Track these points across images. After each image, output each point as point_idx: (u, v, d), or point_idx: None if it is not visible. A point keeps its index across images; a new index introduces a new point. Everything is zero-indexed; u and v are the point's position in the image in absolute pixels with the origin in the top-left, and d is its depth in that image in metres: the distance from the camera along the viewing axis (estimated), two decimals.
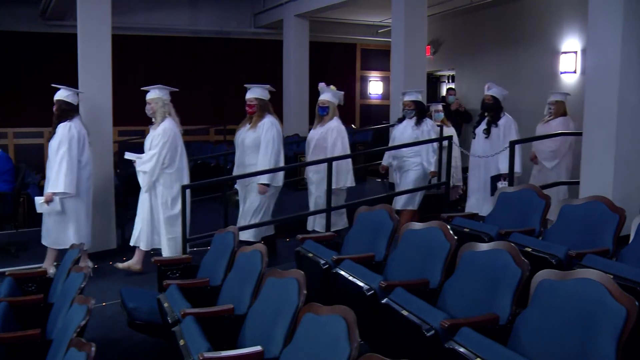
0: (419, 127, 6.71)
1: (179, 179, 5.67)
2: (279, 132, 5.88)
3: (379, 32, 12.74)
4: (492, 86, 6.70)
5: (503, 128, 6.57)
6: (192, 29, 12.44)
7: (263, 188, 5.75)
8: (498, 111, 6.63)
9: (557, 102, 7.15)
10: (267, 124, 5.79)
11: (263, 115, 5.85)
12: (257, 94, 5.89)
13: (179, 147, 5.71)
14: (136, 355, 4.15)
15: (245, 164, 5.96)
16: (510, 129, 6.54)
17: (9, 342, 2.99)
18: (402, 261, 3.79)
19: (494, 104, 6.63)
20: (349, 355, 2.32)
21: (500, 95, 6.65)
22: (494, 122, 6.61)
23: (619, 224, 3.81)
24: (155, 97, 5.71)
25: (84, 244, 4.90)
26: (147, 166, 5.60)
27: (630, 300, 2.36)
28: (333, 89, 6.37)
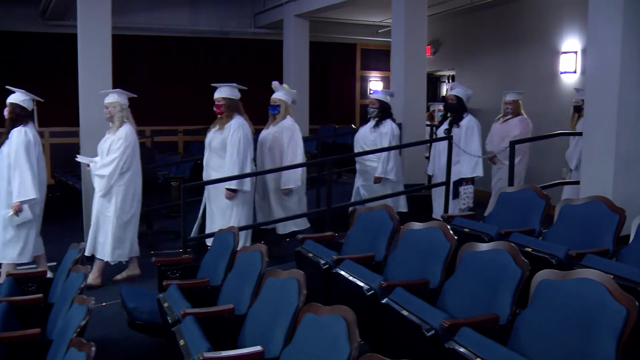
0: (377, 128, 6.51)
1: (135, 184, 5.53)
2: (247, 133, 5.63)
3: (379, 32, 12.74)
4: (456, 86, 6.63)
5: (465, 129, 6.43)
6: (192, 29, 12.44)
7: (229, 193, 5.56)
8: (461, 111, 6.51)
9: (513, 102, 7.10)
10: (235, 125, 5.58)
11: (231, 115, 5.64)
12: (225, 94, 5.69)
13: (137, 152, 5.57)
14: (136, 355, 4.15)
15: (210, 166, 5.78)
16: (473, 130, 6.41)
17: (9, 342, 2.99)
18: (402, 261, 3.80)
19: (458, 104, 6.51)
20: (349, 355, 2.32)
21: (465, 95, 6.55)
22: (456, 122, 6.47)
23: (619, 224, 3.82)
24: (113, 102, 5.54)
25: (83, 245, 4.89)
26: (106, 170, 5.42)
27: (630, 300, 2.36)
28: (286, 87, 6.21)
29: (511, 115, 7.11)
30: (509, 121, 7.12)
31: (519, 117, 7.10)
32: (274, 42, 12.15)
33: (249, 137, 5.65)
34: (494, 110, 9.54)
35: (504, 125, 7.15)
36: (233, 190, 5.54)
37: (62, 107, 9.10)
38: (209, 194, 5.80)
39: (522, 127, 7.01)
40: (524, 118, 7.11)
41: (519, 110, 7.13)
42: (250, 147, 5.66)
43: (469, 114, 6.54)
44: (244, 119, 5.68)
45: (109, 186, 5.45)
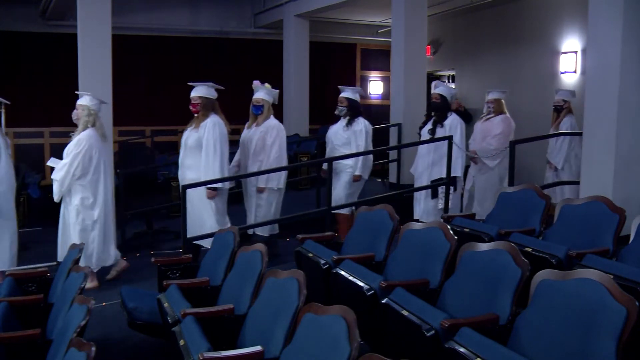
0: (350, 127, 6.40)
1: (93, 192, 5.39)
2: (223, 132, 5.61)
3: (379, 32, 12.74)
4: (439, 84, 6.48)
5: (448, 128, 6.30)
6: (192, 29, 12.45)
7: (210, 192, 5.57)
8: (445, 111, 6.37)
9: (495, 100, 6.99)
10: (210, 124, 5.56)
11: (207, 114, 5.62)
12: (201, 93, 5.66)
13: (95, 158, 5.40)
14: (136, 355, 4.15)
15: (185, 165, 5.74)
16: (456, 129, 6.29)
17: (9, 342, 2.99)
18: (402, 261, 3.80)
19: (442, 103, 6.35)
20: (349, 355, 2.32)
21: (449, 94, 6.41)
22: (440, 122, 6.33)
23: (619, 224, 3.82)
24: (83, 104, 5.48)
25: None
26: (58, 175, 5.33)
27: (630, 300, 2.36)
28: (268, 87, 6.13)
29: (493, 114, 6.99)
30: (491, 120, 7.00)
31: (502, 116, 6.97)
32: (274, 42, 12.16)
33: (225, 135, 5.64)
34: None
35: (486, 124, 7.02)
36: (214, 189, 5.56)
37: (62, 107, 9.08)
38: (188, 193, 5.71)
39: (504, 126, 6.89)
40: (507, 117, 7.00)
41: (501, 109, 7.00)
42: (226, 146, 5.64)
43: (453, 112, 6.42)
44: (220, 118, 5.66)
45: (61, 191, 5.33)
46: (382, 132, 9.58)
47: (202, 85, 5.70)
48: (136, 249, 6.62)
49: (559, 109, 7.22)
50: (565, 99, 7.19)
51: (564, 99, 7.21)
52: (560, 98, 7.24)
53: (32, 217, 7.83)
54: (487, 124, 7.00)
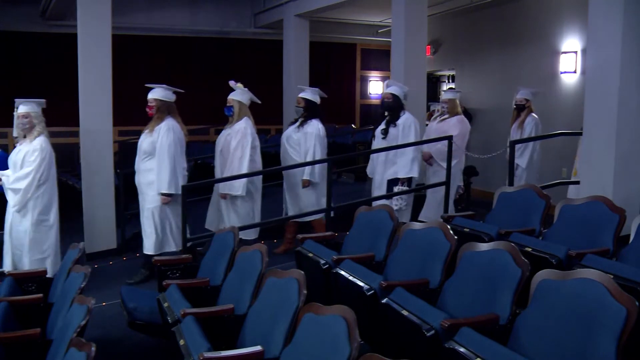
0: (302, 128, 6.18)
1: (50, 195, 5.32)
2: (177, 136, 5.48)
3: (379, 32, 12.74)
4: (392, 83, 6.33)
5: (402, 128, 6.13)
6: (192, 29, 12.44)
7: (164, 198, 5.44)
8: (398, 110, 6.18)
9: (449, 101, 6.89)
10: (164, 128, 5.44)
11: (162, 117, 5.49)
12: (157, 95, 5.53)
13: (53, 164, 5.37)
14: (136, 355, 4.15)
15: (140, 169, 5.60)
16: (410, 129, 6.11)
17: (9, 342, 2.99)
18: (402, 261, 3.79)
19: (394, 102, 6.17)
20: (349, 355, 2.32)
21: (401, 92, 6.23)
22: (393, 121, 6.17)
23: (619, 224, 3.82)
24: (33, 111, 5.39)
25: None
26: (22, 184, 5.18)
27: (630, 300, 2.36)
28: (240, 87, 6.02)
29: (448, 114, 6.86)
30: (446, 121, 6.85)
31: (457, 117, 6.84)
32: (274, 42, 12.15)
33: (180, 139, 5.51)
34: (494, 110, 9.56)
35: (442, 124, 6.86)
36: (168, 194, 5.44)
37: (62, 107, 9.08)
38: (143, 197, 5.65)
39: (461, 127, 6.73)
40: (462, 118, 6.88)
41: (456, 109, 6.89)
42: (180, 150, 5.51)
43: (407, 112, 6.27)
44: (176, 121, 5.54)
45: (24, 200, 5.21)
46: None
47: (159, 87, 5.57)
48: (136, 249, 6.62)
49: (521, 107, 7.18)
50: (527, 98, 7.15)
51: (526, 98, 7.16)
52: (522, 97, 7.19)
53: None
54: (443, 125, 6.85)
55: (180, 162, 5.51)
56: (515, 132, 7.22)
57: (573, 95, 8.16)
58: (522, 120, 7.15)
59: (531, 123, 7.11)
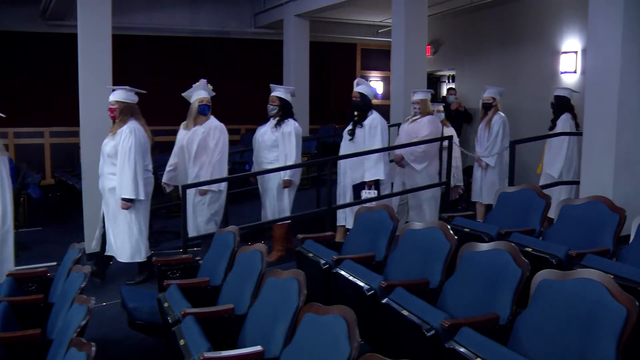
0: (278, 128, 6.04)
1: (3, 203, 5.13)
2: (139, 139, 5.30)
3: (379, 32, 12.75)
4: (361, 82, 6.19)
5: (368, 128, 5.97)
6: (193, 29, 12.45)
7: (124, 203, 5.26)
8: (365, 110, 6.01)
9: (421, 101, 6.77)
10: (126, 131, 5.27)
11: (125, 120, 5.33)
12: (119, 97, 5.37)
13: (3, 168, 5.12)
14: (136, 355, 4.15)
15: (104, 173, 5.43)
16: (376, 130, 5.95)
17: (9, 342, 2.99)
18: (402, 261, 3.80)
19: (362, 101, 6.01)
20: (349, 355, 2.32)
21: (370, 92, 6.11)
22: (360, 122, 6.01)
23: (619, 224, 3.82)
24: None
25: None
26: None
27: (630, 300, 2.36)
28: (210, 88, 5.97)
29: (420, 115, 6.75)
30: (417, 121, 6.73)
31: (428, 117, 6.76)
32: (274, 42, 12.16)
33: (142, 142, 5.35)
34: None
35: (413, 125, 6.75)
36: (129, 199, 5.26)
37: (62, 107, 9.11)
38: (106, 203, 5.50)
39: (432, 127, 6.65)
40: (434, 118, 6.82)
41: (427, 109, 6.79)
42: (143, 153, 5.34)
43: (375, 111, 6.09)
44: (139, 123, 5.40)
45: None
46: None
47: (121, 89, 5.42)
48: None
49: (488, 106, 7.12)
50: (494, 97, 7.10)
51: (493, 97, 7.11)
52: (489, 95, 7.13)
53: (32, 217, 7.84)
54: (414, 125, 6.75)
55: (143, 166, 5.33)
56: (483, 131, 7.12)
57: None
58: (490, 119, 7.05)
59: (498, 121, 7.00)
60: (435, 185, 6.77)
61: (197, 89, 5.92)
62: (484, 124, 7.13)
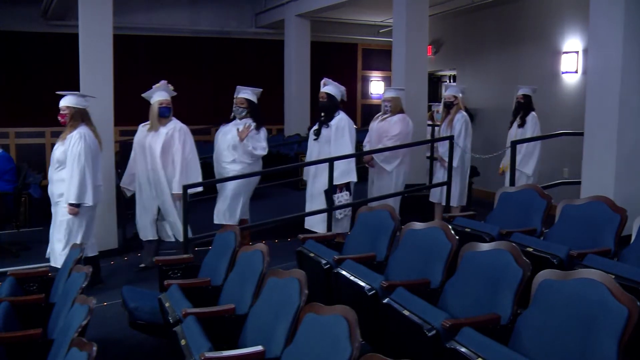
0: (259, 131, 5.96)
1: None
2: (89, 144, 5.18)
3: (380, 32, 12.74)
4: (328, 82, 6.07)
5: (334, 129, 5.85)
6: (193, 29, 12.45)
7: (71, 209, 5.13)
8: (332, 110, 5.92)
9: (392, 99, 6.62)
10: (75, 136, 5.15)
11: (75, 125, 5.20)
12: (69, 102, 5.25)
13: None
14: (137, 355, 4.15)
15: (53, 179, 5.31)
16: (343, 130, 5.83)
17: (10, 341, 2.99)
18: (403, 261, 3.79)
19: (328, 101, 5.92)
20: (350, 355, 2.32)
21: (338, 92, 5.98)
22: (326, 122, 5.90)
23: (620, 224, 3.82)
24: None
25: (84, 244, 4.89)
26: None
27: (631, 301, 2.36)
28: (171, 88, 5.89)
29: (390, 113, 6.59)
30: (387, 120, 6.59)
31: (399, 115, 6.58)
32: (275, 42, 12.16)
33: (92, 148, 5.22)
34: (495, 110, 9.56)
35: (383, 124, 6.60)
36: (75, 205, 5.13)
37: None
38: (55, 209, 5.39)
39: (402, 127, 6.50)
40: (405, 116, 6.63)
41: (399, 107, 6.63)
42: (92, 158, 5.21)
43: (342, 111, 5.97)
44: (89, 129, 5.28)
45: None
46: None
47: (71, 94, 5.31)
48: (136, 248, 6.62)
49: (449, 105, 7.01)
50: (455, 95, 7.00)
51: (454, 95, 7.00)
52: (450, 94, 7.03)
53: (33, 217, 7.84)
54: (384, 124, 6.61)
55: (92, 172, 5.21)
56: (445, 130, 7.01)
57: (574, 96, 8.16)
58: (452, 119, 6.95)
59: (461, 120, 6.90)
60: (436, 185, 6.78)
61: (157, 90, 5.84)
62: (446, 124, 7.00)
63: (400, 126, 6.50)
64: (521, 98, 7.16)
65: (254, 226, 6.01)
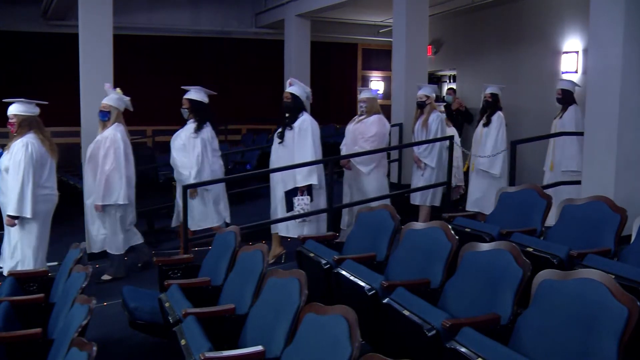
0: (198, 133, 5.79)
1: None
2: (32, 153, 4.98)
3: (380, 32, 12.74)
4: (294, 83, 5.86)
5: (298, 130, 5.63)
6: (194, 29, 12.46)
7: (9, 220, 4.94)
8: (296, 112, 5.69)
9: (367, 99, 6.37)
10: (19, 145, 4.97)
11: (22, 133, 5.05)
12: (16, 110, 5.11)
13: None
14: (137, 355, 4.16)
15: (1, 189, 5.08)
16: (306, 132, 5.61)
17: (10, 341, 2.99)
18: (403, 261, 3.79)
19: (292, 102, 5.69)
20: (350, 355, 2.32)
21: (303, 93, 5.80)
22: (290, 124, 5.66)
23: (620, 224, 3.82)
24: None
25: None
26: None
27: (631, 300, 2.36)
28: (119, 92, 5.69)
29: (366, 114, 6.34)
30: (363, 121, 6.34)
31: (375, 116, 6.32)
32: (275, 42, 12.16)
33: (37, 157, 5.01)
34: None
35: (359, 125, 6.36)
36: (14, 216, 4.93)
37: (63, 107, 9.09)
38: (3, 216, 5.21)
39: (378, 127, 6.26)
40: (381, 117, 6.36)
41: (375, 108, 6.36)
42: (38, 168, 5.03)
43: (306, 112, 5.77)
44: (37, 136, 5.11)
45: None
46: None
47: (18, 101, 5.16)
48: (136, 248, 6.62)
49: (422, 104, 6.89)
50: (428, 95, 6.87)
51: (426, 95, 6.87)
52: (423, 94, 6.89)
53: None
54: (360, 125, 6.36)
55: (34, 183, 4.96)
56: (420, 132, 6.89)
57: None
58: (426, 119, 6.82)
59: (436, 120, 6.80)
60: (436, 185, 6.77)
61: (107, 93, 5.68)
62: (420, 124, 6.91)
63: (377, 127, 6.26)
64: (489, 97, 7.01)
65: (254, 226, 6.01)
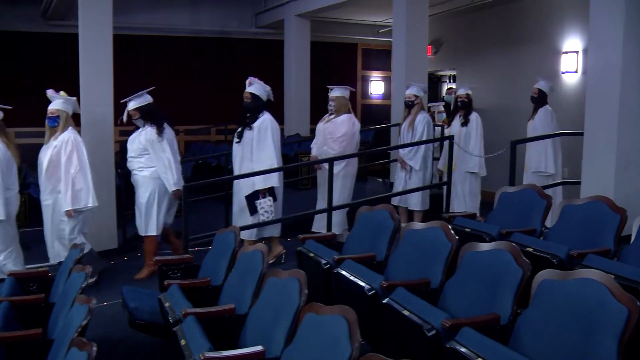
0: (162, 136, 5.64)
1: None
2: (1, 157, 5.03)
3: (380, 32, 12.74)
4: (254, 82, 5.75)
5: (257, 131, 5.49)
6: (194, 29, 12.46)
7: None
8: (256, 111, 5.56)
9: (337, 98, 6.23)
10: None
11: None
12: None
13: None
14: (137, 355, 4.15)
15: None
16: (266, 132, 5.47)
17: (10, 341, 2.99)
18: (403, 261, 3.79)
19: (252, 102, 5.57)
20: (350, 355, 2.32)
21: (263, 92, 5.66)
22: (249, 124, 5.53)
23: (620, 224, 3.81)
24: None
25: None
26: None
27: (631, 300, 2.36)
28: (64, 96, 5.52)
29: (335, 114, 6.19)
30: (332, 121, 6.20)
31: (345, 115, 6.18)
32: (275, 42, 12.16)
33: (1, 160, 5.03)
34: (495, 110, 9.56)
35: (328, 125, 6.21)
36: None
37: None
38: None
39: (347, 127, 6.11)
40: (351, 116, 6.23)
41: (345, 107, 6.23)
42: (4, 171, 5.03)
43: (267, 112, 5.62)
44: (2, 141, 5.10)
45: None
46: (383, 131, 9.60)
47: None
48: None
49: (410, 104, 6.84)
50: (417, 94, 6.81)
51: (415, 94, 6.82)
52: (411, 93, 6.84)
53: (33, 216, 7.84)
54: (329, 125, 6.22)
55: (2, 185, 4.98)
56: (407, 133, 6.84)
57: (574, 96, 8.16)
58: (413, 119, 6.76)
59: (423, 121, 6.72)
60: (432, 186, 6.76)
61: (51, 99, 5.53)
62: (407, 124, 6.85)
63: (346, 127, 6.12)
64: (465, 97, 7.08)
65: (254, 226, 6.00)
